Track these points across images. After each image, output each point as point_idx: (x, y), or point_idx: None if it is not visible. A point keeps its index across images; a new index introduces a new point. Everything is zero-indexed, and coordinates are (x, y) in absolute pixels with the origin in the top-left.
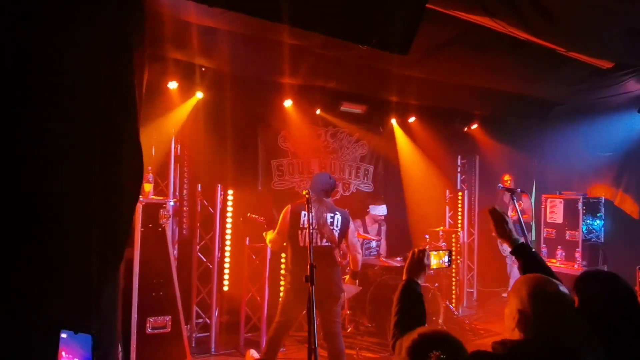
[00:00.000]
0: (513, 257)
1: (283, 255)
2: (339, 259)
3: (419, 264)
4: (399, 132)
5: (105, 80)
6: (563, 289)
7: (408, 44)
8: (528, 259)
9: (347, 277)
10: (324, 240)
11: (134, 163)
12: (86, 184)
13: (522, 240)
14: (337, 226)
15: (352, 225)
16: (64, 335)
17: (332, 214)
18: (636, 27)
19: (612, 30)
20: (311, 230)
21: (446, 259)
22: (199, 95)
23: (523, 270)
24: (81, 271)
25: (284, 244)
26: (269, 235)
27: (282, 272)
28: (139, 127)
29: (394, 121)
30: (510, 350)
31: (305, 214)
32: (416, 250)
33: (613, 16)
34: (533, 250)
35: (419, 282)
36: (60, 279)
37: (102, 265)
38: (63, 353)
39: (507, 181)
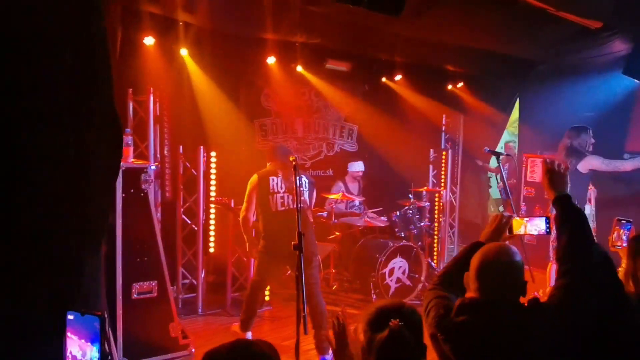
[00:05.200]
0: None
1: None
2: (311, 219)
3: (498, 231)
4: (383, 91)
5: (75, 40)
6: (517, 258)
7: (401, 4)
8: (563, 211)
9: None
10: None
11: (110, 134)
12: (62, 155)
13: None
14: (305, 188)
15: (315, 190)
16: (70, 317)
17: (299, 177)
18: None
19: None
20: (282, 195)
21: (543, 224)
22: (183, 52)
23: (556, 219)
24: (61, 246)
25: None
26: (241, 212)
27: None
28: (114, 90)
29: (379, 80)
30: (462, 305)
31: (273, 179)
32: (498, 215)
33: None
34: (573, 202)
35: None
36: (38, 255)
37: (83, 240)
38: (69, 334)
39: (511, 147)
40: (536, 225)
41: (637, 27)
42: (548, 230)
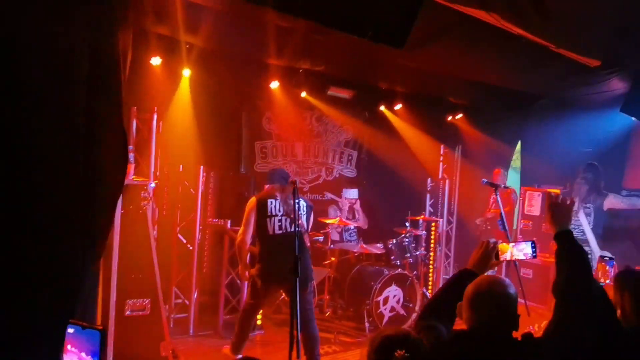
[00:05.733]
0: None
1: None
2: (308, 244)
3: (486, 257)
4: (383, 119)
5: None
6: (510, 290)
7: (404, 37)
8: (562, 248)
9: None
10: (293, 226)
11: (118, 150)
12: (71, 170)
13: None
14: (303, 211)
15: (312, 214)
16: (70, 330)
17: (297, 200)
18: (625, 27)
19: (602, 29)
20: (280, 218)
21: (529, 249)
22: (186, 73)
23: (557, 254)
24: (63, 262)
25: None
26: (238, 235)
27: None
28: (122, 111)
29: (382, 108)
30: (455, 337)
31: (272, 202)
32: (485, 241)
33: (604, 15)
34: (575, 239)
35: (478, 274)
36: (42, 271)
37: (85, 255)
38: (69, 346)
39: (497, 174)
40: (522, 250)
41: (634, 67)
42: (534, 254)
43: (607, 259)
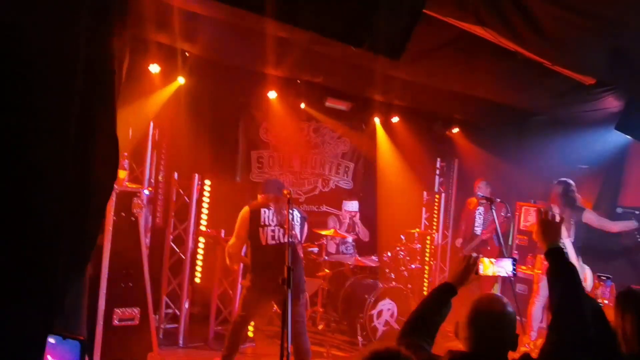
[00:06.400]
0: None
1: None
2: (302, 255)
3: (466, 272)
4: (380, 132)
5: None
6: (509, 309)
7: (401, 49)
8: (554, 265)
9: None
10: (286, 237)
11: (109, 157)
12: (58, 177)
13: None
14: (296, 222)
15: (306, 224)
16: (51, 340)
17: (290, 211)
18: (620, 48)
19: (597, 48)
20: (273, 228)
21: (510, 267)
22: (181, 80)
23: (549, 272)
24: (45, 271)
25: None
26: (229, 246)
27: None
28: (116, 117)
29: (376, 120)
30: (453, 358)
31: (265, 212)
32: (467, 256)
33: (599, 36)
34: (566, 256)
35: (458, 288)
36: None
37: (71, 263)
38: (49, 357)
39: (477, 185)
40: (503, 267)
41: (629, 85)
42: (514, 272)
43: (604, 278)
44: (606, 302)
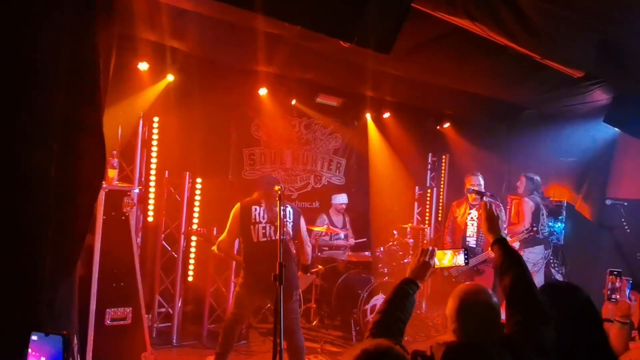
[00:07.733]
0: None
1: None
2: (294, 251)
3: (423, 264)
4: (372, 127)
5: (67, 62)
6: (494, 299)
7: (391, 43)
8: (505, 252)
9: (299, 272)
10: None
11: (95, 155)
12: (42, 176)
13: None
14: (289, 218)
15: (302, 219)
16: (34, 337)
17: (283, 207)
18: (608, 40)
19: (585, 42)
20: (264, 225)
21: (461, 257)
22: (170, 77)
23: (499, 259)
24: (30, 270)
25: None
26: (219, 241)
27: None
28: (103, 115)
29: (368, 116)
30: (447, 351)
31: (256, 209)
32: (423, 249)
33: (586, 30)
34: (510, 246)
35: (419, 283)
36: (12, 277)
37: (58, 263)
38: (32, 352)
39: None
40: (457, 257)
41: (616, 79)
42: (467, 262)
43: (615, 272)
44: (624, 297)
